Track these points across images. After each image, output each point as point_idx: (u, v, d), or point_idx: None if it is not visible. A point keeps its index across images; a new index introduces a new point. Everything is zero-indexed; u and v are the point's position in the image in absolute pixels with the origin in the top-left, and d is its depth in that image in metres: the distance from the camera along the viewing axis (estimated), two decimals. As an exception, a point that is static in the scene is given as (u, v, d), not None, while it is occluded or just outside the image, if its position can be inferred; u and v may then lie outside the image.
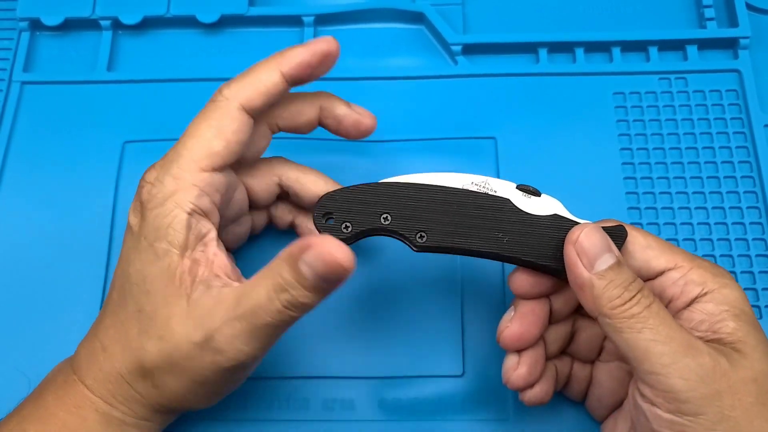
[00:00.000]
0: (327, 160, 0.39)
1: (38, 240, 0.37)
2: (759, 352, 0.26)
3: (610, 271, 0.26)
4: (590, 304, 0.26)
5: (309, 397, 0.34)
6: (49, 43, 0.43)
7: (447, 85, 0.41)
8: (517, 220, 0.28)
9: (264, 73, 0.29)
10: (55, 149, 0.40)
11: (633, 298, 0.25)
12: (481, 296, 0.36)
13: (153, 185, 0.28)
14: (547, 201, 0.29)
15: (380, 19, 0.43)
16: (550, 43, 0.41)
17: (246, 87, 0.29)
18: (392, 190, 0.29)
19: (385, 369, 0.34)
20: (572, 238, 0.27)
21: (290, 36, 0.43)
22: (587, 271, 0.26)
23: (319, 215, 0.28)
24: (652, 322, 0.25)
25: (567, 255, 0.27)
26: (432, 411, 0.34)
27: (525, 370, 0.29)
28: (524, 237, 0.28)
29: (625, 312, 0.25)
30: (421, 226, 0.28)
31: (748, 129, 0.39)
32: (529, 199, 0.29)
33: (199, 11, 0.42)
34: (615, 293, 0.25)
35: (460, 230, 0.28)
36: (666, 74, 0.41)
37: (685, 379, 0.24)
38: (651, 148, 0.39)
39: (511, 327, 0.29)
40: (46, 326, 0.36)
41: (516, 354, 0.29)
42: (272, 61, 0.29)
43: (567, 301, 0.30)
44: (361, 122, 0.32)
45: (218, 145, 0.28)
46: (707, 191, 0.38)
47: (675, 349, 0.24)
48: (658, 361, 0.24)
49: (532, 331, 0.29)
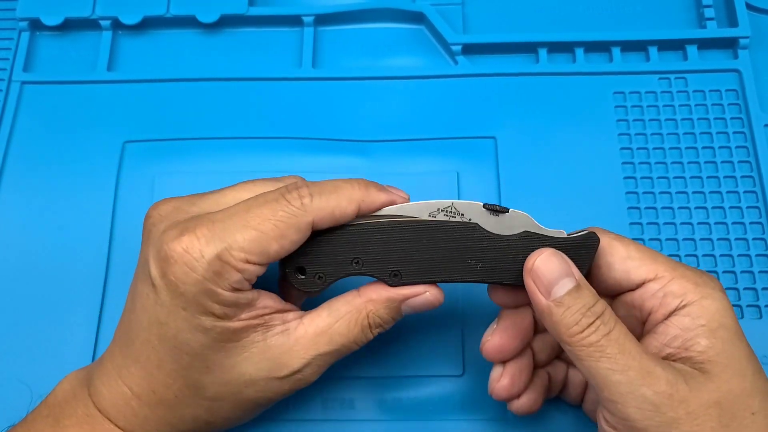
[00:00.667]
0: (327, 160, 0.39)
1: (38, 240, 0.37)
2: (729, 371, 0.25)
3: (567, 297, 0.26)
4: (552, 331, 0.26)
5: (309, 397, 0.34)
6: (49, 43, 0.43)
7: (447, 85, 0.41)
8: (488, 246, 0.28)
9: (345, 201, 0.28)
10: (55, 149, 0.40)
11: (592, 324, 0.25)
12: (481, 296, 0.36)
13: (196, 261, 0.26)
14: (515, 217, 0.28)
15: (380, 19, 0.43)
16: (550, 43, 0.41)
17: (325, 208, 0.28)
18: (359, 233, 0.28)
19: (385, 369, 0.34)
20: (528, 266, 0.27)
21: (290, 36, 0.43)
22: (544, 299, 0.26)
23: (291, 271, 0.28)
24: (610, 351, 0.25)
25: (525, 283, 0.27)
26: (432, 411, 0.34)
27: (508, 381, 0.29)
28: (497, 262, 0.28)
29: (583, 340, 0.25)
30: (393, 267, 0.28)
31: (747, 129, 0.39)
32: (498, 217, 0.28)
33: (199, 11, 0.42)
34: (572, 320, 0.25)
35: (433, 265, 0.28)
36: (666, 74, 0.41)
37: (640, 408, 0.24)
38: (651, 147, 0.39)
39: (492, 339, 0.29)
40: (45, 327, 0.35)
41: (501, 365, 0.30)
42: (356, 191, 0.28)
43: None
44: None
45: (274, 249, 0.27)
46: (707, 191, 0.38)
47: (631, 378, 0.24)
48: (616, 390, 0.25)
49: (512, 343, 0.29)
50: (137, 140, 0.40)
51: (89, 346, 0.35)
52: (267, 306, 0.28)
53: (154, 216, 0.29)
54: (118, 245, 0.37)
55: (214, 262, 0.26)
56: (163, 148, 0.39)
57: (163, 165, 0.39)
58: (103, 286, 0.36)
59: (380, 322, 0.29)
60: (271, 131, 0.40)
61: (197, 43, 0.43)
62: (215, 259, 0.26)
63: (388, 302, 0.29)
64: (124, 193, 0.38)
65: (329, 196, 0.28)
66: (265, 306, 0.28)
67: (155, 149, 0.39)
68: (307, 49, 0.42)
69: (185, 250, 0.26)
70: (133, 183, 0.38)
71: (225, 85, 0.41)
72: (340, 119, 0.40)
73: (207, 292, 0.26)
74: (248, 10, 0.42)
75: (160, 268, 0.26)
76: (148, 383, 0.28)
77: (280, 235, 0.27)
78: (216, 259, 0.26)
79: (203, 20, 0.42)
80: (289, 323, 0.28)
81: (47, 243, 0.37)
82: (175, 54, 0.43)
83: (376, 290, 0.29)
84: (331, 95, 0.41)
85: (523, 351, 0.30)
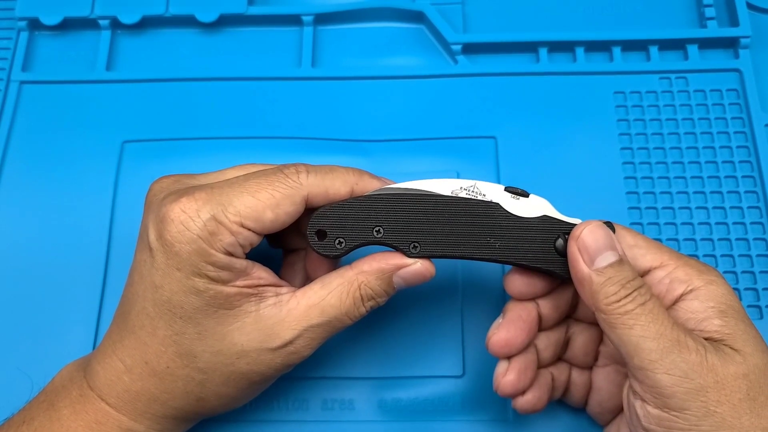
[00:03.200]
0: (326, 160, 0.38)
1: (37, 239, 0.37)
2: (750, 346, 0.26)
3: (609, 269, 0.26)
4: (588, 299, 0.27)
5: (308, 398, 0.34)
6: (47, 42, 0.43)
7: (447, 85, 0.41)
8: (508, 225, 0.29)
9: (339, 182, 0.29)
10: (53, 149, 0.40)
11: (629, 295, 0.26)
12: (481, 297, 0.36)
13: (192, 220, 0.27)
14: (535, 201, 0.29)
15: (380, 19, 0.43)
16: (551, 43, 0.41)
17: (320, 185, 0.29)
18: (384, 202, 0.29)
19: (384, 369, 0.34)
20: (575, 234, 0.28)
21: (289, 35, 0.43)
22: (587, 267, 0.27)
23: (312, 233, 0.29)
24: (643, 319, 0.25)
25: (569, 250, 0.28)
26: (432, 411, 0.34)
27: (514, 377, 0.29)
28: (516, 241, 0.29)
29: (619, 308, 0.26)
30: (413, 237, 0.28)
31: (748, 128, 0.39)
32: (518, 200, 0.29)
33: (198, 10, 0.42)
34: (611, 290, 0.26)
35: (452, 239, 0.28)
36: (666, 74, 0.40)
37: (669, 374, 0.25)
38: (651, 147, 0.39)
39: (498, 333, 0.29)
40: (45, 325, 0.36)
41: (506, 360, 0.30)
42: (351, 175, 0.30)
43: (556, 307, 0.30)
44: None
45: (268, 218, 0.28)
46: (708, 191, 0.38)
47: (663, 346, 0.25)
48: (647, 356, 0.25)
49: (519, 337, 0.29)
50: (136, 140, 0.40)
51: (89, 339, 0.35)
52: (261, 277, 0.29)
53: (155, 188, 0.30)
54: (117, 244, 0.37)
55: (209, 222, 0.27)
56: (162, 147, 0.39)
57: (162, 165, 0.39)
58: (102, 283, 0.36)
59: (372, 294, 0.29)
60: (270, 131, 0.40)
61: (196, 42, 0.43)
62: (211, 219, 0.27)
63: (379, 273, 0.29)
64: (123, 193, 0.38)
65: (325, 175, 0.29)
66: (259, 277, 0.28)
67: (154, 149, 0.39)
68: (306, 49, 0.42)
69: (182, 210, 0.27)
70: (132, 183, 0.38)
71: (224, 85, 0.41)
72: (340, 119, 0.40)
73: (201, 251, 0.27)
74: (247, 10, 0.42)
75: (157, 230, 0.27)
76: (141, 353, 0.28)
77: (275, 204, 0.28)
78: (211, 219, 0.27)
79: (202, 20, 0.42)
80: (282, 296, 0.29)
81: (47, 241, 0.37)
82: (174, 54, 0.43)
83: (368, 262, 0.29)
84: (331, 95, 0.41)
85: (528, 347, 0.30)
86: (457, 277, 0.36)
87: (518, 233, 0.29)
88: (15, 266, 0.37)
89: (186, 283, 0.27)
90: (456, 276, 0.36)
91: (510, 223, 0.29)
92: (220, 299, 0.27)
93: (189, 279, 0.27)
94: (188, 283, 0.27)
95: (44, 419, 0.28)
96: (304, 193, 0.29)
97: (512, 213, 0.29)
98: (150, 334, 0.28)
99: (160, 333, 0.28)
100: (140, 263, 0.28)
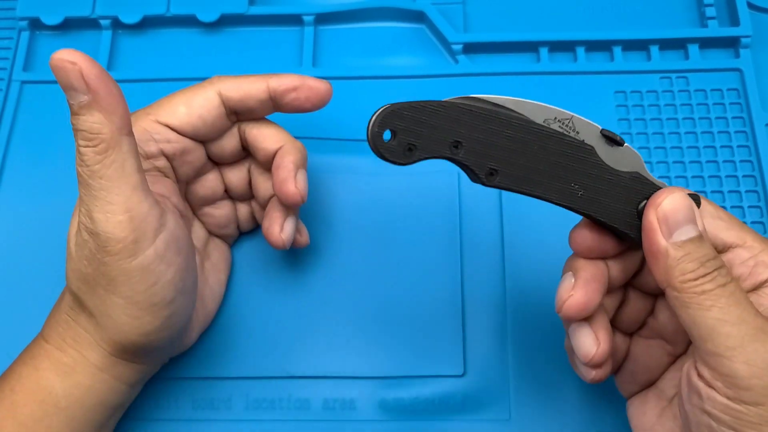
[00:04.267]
0: (327, 159, 0.38)
1: (37, 239, 0.37)
2: None
3: (689, 243, 0.24)
4: (661, 274, 0.24)
5: (309, 397, 0.34)
6: (48, 42, 0.43)
7: (448, 84, 0.41)
8: (597, 175, 0.25)
9: (253, 78, 0.32)
10: (54, 148, 0.40)
11: (708, 274, 0.24)
12: (482, 296, 0.36)
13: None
14: (628, 153, 0.26)
15: (381, 18, 0.43)
16: (551, 42, 0.41)
17: (231, 81, 0.31)
18: (468, 115, 0.24)
19: (386, 369, 0.34)
20: (656, 202, 0.25)
21: (290, 35, 0.43)
22: (665, 240, 0.24)
23: (379, 131, 0.24)
24: (723, 302, 0.23)
25: (647, 218, 0.25)
26: (433, 411, 0.34)
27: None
28: (601, 195, 0.26)
29: (695, 287, 0.24)
30: (493, 163, 0.25)
31: (749, 128, 0.39)
32: (612, 148, 0.26)
33: (199, 10, 0.42)
34: (689, 267, 0.24)
35: (534, 176, 0.25)
36: (667, 73, 0.40)
37: (750, 365, 0.22)
38: (652, 147, 0.39)
39: (576, 296, 0.26)
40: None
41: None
42: (265, 75, 0.32)
43: (624, 270, 0.28)
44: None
45: (182, 111, 0.31)
46: (709, 190, 0.38)
47: (744, 332, 0.23)
48: (724, 342, 0.23)
49: (595, 299, 0.26)
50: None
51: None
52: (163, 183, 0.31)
53: None
54: (118, 245, 0.37)
55: (135, 127, 0.30)
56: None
57: (163, 164, 0.39)
58: (103, 286, 0.36)
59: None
60: (271, 131, 0.40)
61: (197, 42, 0.43)
62: (136, 125, 0.31)
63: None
64: (124, 193, 0.38)
65: (237, 76, 0.32)
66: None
67: (155, 149, 0.39)
68: (307, 49, 0.42)
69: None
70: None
71: (225, 85, 0.41)
72: (340, 118, 0.40)
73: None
74: (248, 9, 0.42)
75: None
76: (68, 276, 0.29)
77: (188, 101, 0.31)
78: (136, 125, 0.31)
79: (203, 19, 0.42)
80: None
81: (47, 242, 0.37)
82: (175, 53, 0.43)
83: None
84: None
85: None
86: (458, 277, 0.36)
87: (606, 186, 0.26)
88: (15, 266, 0.37)
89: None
90: (457, 276, 0.36)
91: (600, 172, 0.25)
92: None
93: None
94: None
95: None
96: (215, 89, 0.31)
97: (605, 163, 0.26)
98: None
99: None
100: None
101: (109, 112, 0.26)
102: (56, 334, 0.29)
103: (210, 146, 0.33)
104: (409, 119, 0.24)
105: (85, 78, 0.25)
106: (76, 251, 0.28)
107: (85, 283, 0.28)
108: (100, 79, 0.25)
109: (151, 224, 0.27)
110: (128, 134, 0.27)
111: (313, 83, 0.32)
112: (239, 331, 0.35)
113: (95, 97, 0.25)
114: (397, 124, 0.24)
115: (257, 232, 0.37)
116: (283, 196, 0.31)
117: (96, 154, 0.26)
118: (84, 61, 0.25)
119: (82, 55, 0.25)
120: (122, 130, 0.26)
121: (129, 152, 0.26)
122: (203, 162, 0.33)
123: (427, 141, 0.24)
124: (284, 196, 0.31)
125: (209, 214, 0.35)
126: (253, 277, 0.36)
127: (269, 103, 0.32)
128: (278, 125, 0.33)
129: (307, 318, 0.35)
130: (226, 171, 0.34)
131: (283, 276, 0.36)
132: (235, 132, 0.33)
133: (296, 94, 0.32)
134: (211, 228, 0.35)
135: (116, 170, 0.26)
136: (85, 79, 0.25)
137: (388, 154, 0.24)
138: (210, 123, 0.31)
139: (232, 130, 0.33)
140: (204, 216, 0.35)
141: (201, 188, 0.34)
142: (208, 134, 0.32)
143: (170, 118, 0.31)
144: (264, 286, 0.36)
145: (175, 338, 0.31)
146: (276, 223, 0.33)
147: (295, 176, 0.31)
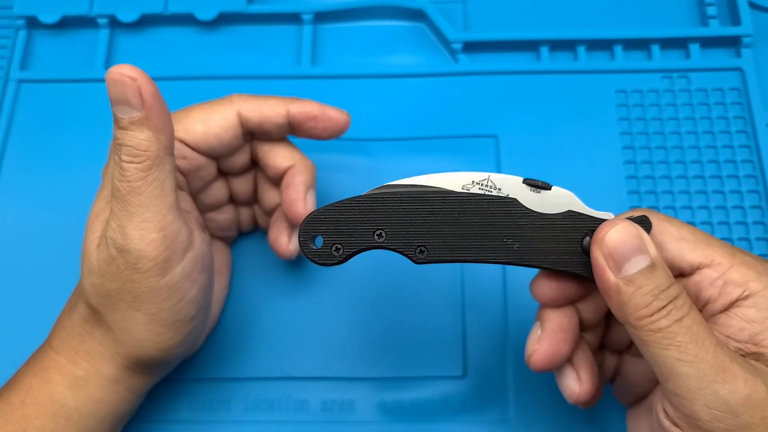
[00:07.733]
0: (327, 160, 0.38)
1: (36, 239, 0.37)
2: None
3: (639, 276, 0.23)
4: (616, 311, 0.24)
5: (309, 398, 0.34)
6: (46, 40, 0.43)
7: (448, 83, 0.41)
8: (527, 223, 0.25)
9: (273, 101, 0.31)
10: (52, 147, 0.40)
11: (663, 308, 0.22)
12: (482, 297, 0.35)
13: None
14: (558, 194, 0.25)
15: (380, 17, 0.43)
16: (552, 41, 0.41)
17: (251, 102, 0.31)
18: (384, 202, 0.25)
19: (385, 370, 0.34)
20: (599, 237, 0.24)
21: (289, 33, 0.43)
22: (614, 276, 0.23)
23: (306, 240, 0.25)
24: (680, 339, 0.22)
25: (593, 255, 0.24)
26: (433, 412, 0.33)
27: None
28: (538, 242, 0.25)
29: (651, 324, 0.22)
30: (419, 241, 0.25)
31: (750, 127, 0.39)
32: (539, 194, 0.25)
33: (197, 9, 0.42)
34: (643, 301, 0.23)
35: (464, 242, 0.25)
36: (668, 72, 0.40)
37: (710, 408, 0.22)
38: (653, 146, 0.39)
39: (540, 348, 0.26)
40: (45, 324, 0.35)
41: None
42: (286, 98, 0.32)
43: (597, 308, 0.27)
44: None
45: (199, 129, 0.30)
46: (710, 190, 0.37)
47: (703, 373, 0.22)
48: (684, 383, 0.22)
49: (563, 349, 0.26)
50: (135, 139, 0.39)
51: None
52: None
53: None
54: (116, 245, 0.37)
55: None
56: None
57: (161, 164, 0.38)
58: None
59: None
60: (270, 130, 0.39)
61: (195, 40, 0.43)
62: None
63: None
64: (122, 193, 0.38)
65: (259, 96, 0.31)
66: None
67: (153, 148, 0.39)
68: (306, 47, 0.42)
69: None
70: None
71: (224, 83, 0.41)
72: (340, 118, 0.40)
73: None
74: (247, 8, 0.42)
75: None
76: (78, 289, 0.29)
77: (206, 119, 0.30)
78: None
79: (201, 18, 0.42)
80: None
81: (45, 241, 0.37)
82: (173, 52, 0.42)
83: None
84: (331, 93, 0.40)
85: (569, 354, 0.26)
86: (458, 277, 0.36)
87: (540, 232, 0.25)
88: (15, 265, 0.37)
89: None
90: (457, 276, 0.36)
91: (530, 220, 0.25)
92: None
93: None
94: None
95: (9, 381, 0.29)
96: (235, 108, 0.30)
97: (532, 209, 0.25)
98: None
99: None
100: None
101: (159, 130, 0.26)
102: (69, 346, 0.29)
103: (221, 161, 0.33)
104: (329, 221, 0.25)
105: (142, 95, 0.25)
106: (99, 266, 0.27)
107: (107, 298, 0.27)
108: (156, 97, 0.25)
109: (182, 243, 0.27)
110: (171, 153, 0.27)
111: (332, 114, 0.32)
112: (238, 332, 0.35)
113: (148, 114, 0.25)
114: (319, 229, 0.25)
115: (257, 233, 0.37)
116: (291, 215, 0.31)
117: (139, 171, 0.25)
118: (143, 77, 0.25)
119: (141, 72, 0.25)
120: (168, 150, 0.26)
121: (170, 171, 0.26)
122: (214, 176, 0.33)
123: (350, 237, 0.25)
124: (293, 216, 0.31)
125: (213, 218, 0.35)
126: (252, 278, 0.36)
127: (286, 128, 0.32)
128: (290, 142, 0.33)
129: (306, 319, 0.35)
130: (233, 180, 0.34)
131: (281, 278, 0.36)
132: (247, 148, 0.33)
133: (314, 124, 0.32)
134: (213, 231, 0.35)
135: (156, 188, 0.26)
136: (143, 96, 0.25)
137: (318, 259, 0.25)
138: (226, 143, 0.31)
139: (244, 147, 0.33)
140: (207, 221, 0.35)
141: (207, 197, 0.34)
142: (223, 153, 0.32)
143: (187, 135, 0.30)
144: (263, 288, 0.36)
145: (190, 350, 0.31)
146: (284, 233, 0.33)
147: (305, 197, 0.31)
